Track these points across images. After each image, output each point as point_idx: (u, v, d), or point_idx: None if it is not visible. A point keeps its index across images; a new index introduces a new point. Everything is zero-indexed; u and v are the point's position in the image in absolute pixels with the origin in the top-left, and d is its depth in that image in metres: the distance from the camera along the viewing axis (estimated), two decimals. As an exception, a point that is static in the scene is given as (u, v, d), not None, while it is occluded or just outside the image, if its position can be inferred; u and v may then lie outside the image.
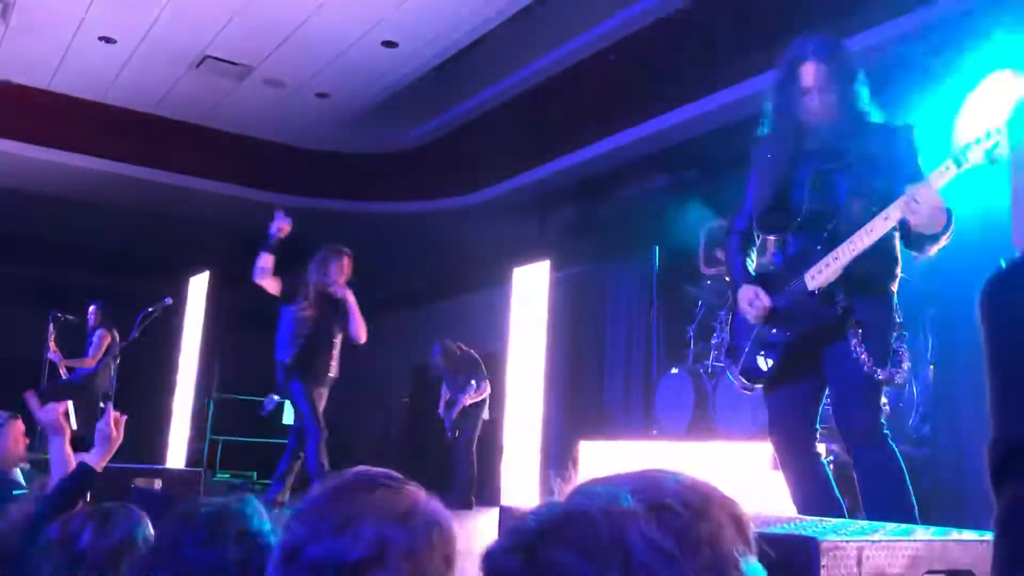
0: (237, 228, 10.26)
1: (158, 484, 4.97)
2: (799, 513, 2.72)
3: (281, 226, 5.14)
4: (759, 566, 0.69)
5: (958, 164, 2.50)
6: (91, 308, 7.19)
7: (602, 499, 0.68)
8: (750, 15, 6.01)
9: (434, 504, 0.99)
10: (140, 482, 4.83)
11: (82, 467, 2.41)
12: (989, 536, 1.97)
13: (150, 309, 6.35)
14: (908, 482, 2.60)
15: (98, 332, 6.86)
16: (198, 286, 10.19)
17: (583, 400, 8.31)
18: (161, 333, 7.09)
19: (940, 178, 2.53)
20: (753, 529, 0.71)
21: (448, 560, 0.96)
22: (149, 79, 7.90)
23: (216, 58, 7.45)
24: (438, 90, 7.90)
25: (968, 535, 1.81)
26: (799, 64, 2.82)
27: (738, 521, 0.70)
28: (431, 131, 8.72)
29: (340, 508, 0.92)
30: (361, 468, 1.02)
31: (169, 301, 6.54)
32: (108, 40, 7.20)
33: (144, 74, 7.80)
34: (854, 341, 2.57)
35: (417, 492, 0.99)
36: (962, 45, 5.11)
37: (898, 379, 2.71)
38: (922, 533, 1.86)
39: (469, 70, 7.49)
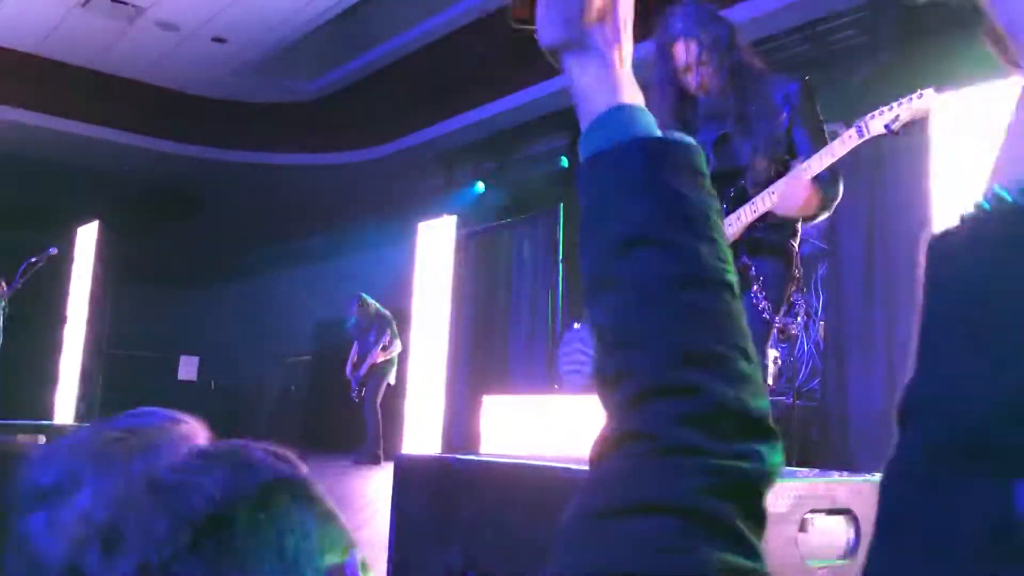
0: (128, 177, 9.86)
1: (42, 440, 4.77)
2: None
3: None
4: None
5: (860, 135, 2.58)
6: None
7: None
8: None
9: None
10: (23, 438, 4.63)
11: None
12: (867, 478, 2.05)
13: (33, 259, 6.04)
14: None
15: None
16: (87, 236, 9.77)
17: (488, 356, 8.34)
18: (48, 285, 6.77)
19: (842, 146, 2.61)
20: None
21: None
22: (31, 16, 7.45)
23: (105, -4, 7.07)
24: (341, 40, 7.70)
25: (848, 477, 1.87)
26: (670, 45, 2.86)
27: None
28: (333, 82, 8.51)
29: None
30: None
31: (54, 251, 6.22)
32: (-15, -28, 6.76)
33: (25, 10, 7.34)
34: (755, 288, 2.69)
35: None
36: None
37: (792, 329, 2.78)
38: (806, 474, 1.93)
39: (374, 19, 7.31)
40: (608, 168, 0.66)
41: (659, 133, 0.66)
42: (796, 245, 2.87)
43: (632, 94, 0.69)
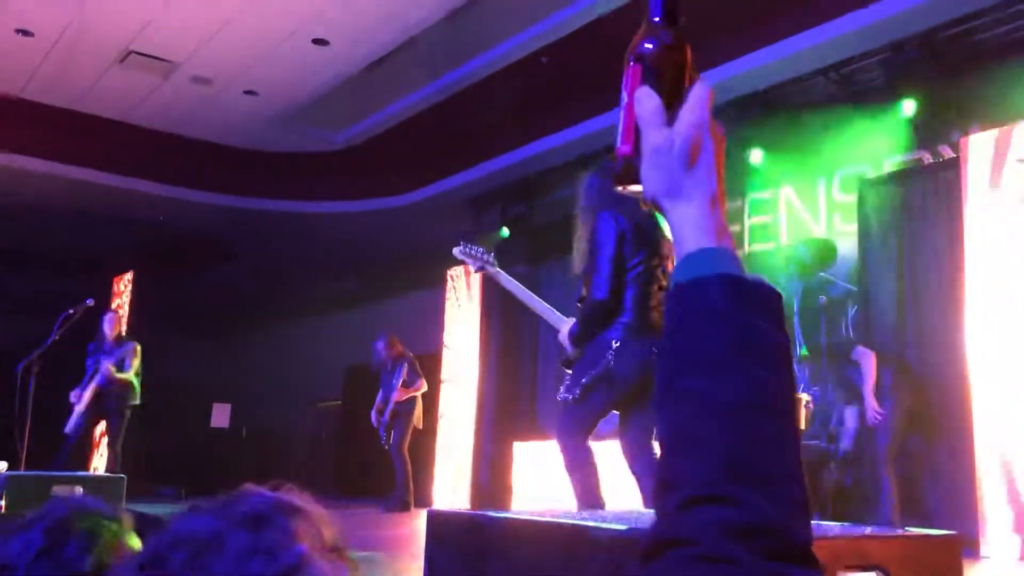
0: (162, 227, 10.05)
1: (78, 491, 4.82)
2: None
3: None
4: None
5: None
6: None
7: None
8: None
9: None
10: (59, 489, 4.68)
11: None
12: (899, 533, 2.02)
13: (70, 311, 6.16)
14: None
15: None
16: (123, 286, 9.93)
17: (517, 400, 8.33)
18: (83, 335, 6.89)
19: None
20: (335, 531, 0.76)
21: None
22: (71, 74, 7.67)
23: (141, 53, 7.27)
24: (369, 90, 7.83)
25: (879, 532, 1.85)
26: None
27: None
28: (362, 131, 8.64)
29: None
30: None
31: (90, 302, 6.34)
32: (25, 33, 6.96)
33: (65, 69, 7.56)
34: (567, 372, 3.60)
35: None
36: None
37: (570, 399, 3.51)
38: (837, 530, 1.91)
39: (400, 70, 7.44)
40: (691, 297, 0.73)
41: (742, 273, 0.74)
42: (612, 334, 3.48)
43: (721, 236, 0.77)
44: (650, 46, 0.83)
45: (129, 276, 9.81)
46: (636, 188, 0.82)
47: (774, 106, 6.56)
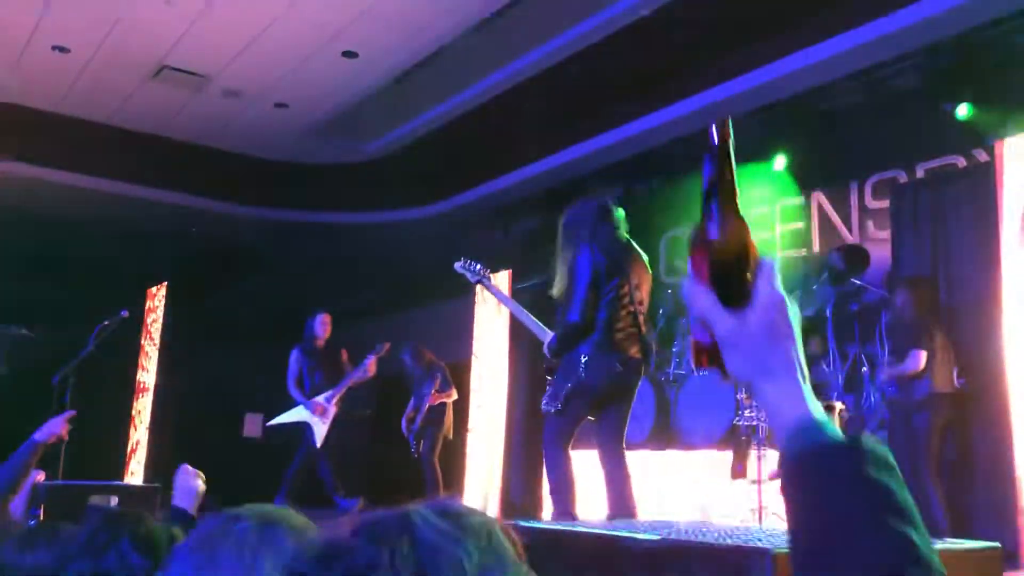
0: (195, 238, 10.16)
1: (114, 501, 4.88)
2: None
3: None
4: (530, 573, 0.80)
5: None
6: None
7: (394, 508, 0.80)
8: (710, 26, 6.07)
9: None
10: (96, 499, 4.73)
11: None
12: (943, 545, 1.98)
13: (106, 322, 6.23)
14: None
15: None
16: (157, 298, 10.05)
17: (547, 410, 8.29)
18: (119, 347, 6.97)
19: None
20: (519, 543, 0.82)
21: None
22: (105, 89, 7.79)
23: (174, 68, 7.36)
24: (398, 101, 7.88)
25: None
26: None
27: (507, 530, 0.82)
28: (392, 141, 8.69)
29: None
30: None
31: (126, 314, 6.41)
32: (62, 49, 7.08)
33: (100, 84, 7.68)
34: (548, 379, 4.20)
35: None
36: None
37: (552, 411, 4.09)
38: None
39: (429, 81, 7.47)
40: (822, 466, 0.77)
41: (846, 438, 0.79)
42: (584, 351, 4.08)
43: (816, 406, 0.81)
44: (708, 236, 0.86)
45: (163, 288, 9.92)
46: (713, 369, 0.86)
47: (805, 110, 6.51)
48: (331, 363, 7.37)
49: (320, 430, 6.93)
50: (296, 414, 7.16)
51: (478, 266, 4.81)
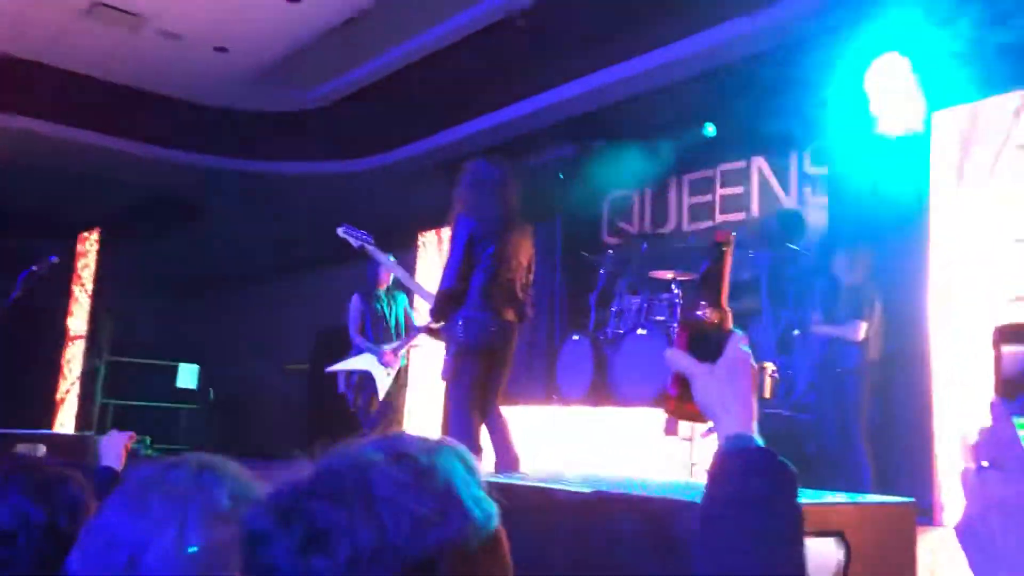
0: (129, 184, 9.89)
1: (42, 450, 4.79)
2: None
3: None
4: (493, 504, 0.84)
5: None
6: None
7: (349, 455, 0.81)
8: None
9: None
10: (23, 447, 4.64)
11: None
12: (859, 499, 2.06)
13: (34, 268, 6.05)
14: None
15: None
16: (88, 244, 9.80)
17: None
18: (48, 293, 6.78)
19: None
20: (482, 474, 0.87)
21: None
22: (33, 24, 7.47)
23: (108, 5, 7.09)
24: (343, 49, 7.72)
25: (839, 499, 1.89)
26: None
27: (469, 466, 0.86)
28: (335, 90, 8.53)
29: None
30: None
31: (55, 259, 6.23)
32: (-12, -19, 6.78)
33: (28, 19, 7.37)
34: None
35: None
36: (858, 22, 5.28)
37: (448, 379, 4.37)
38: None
39: (375, 29, 7.33)
40: (748, 460, 1.02)
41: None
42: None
43: (759, 437, 1.04)
44: (695, 318, 1.11)
45: (95, 235, 9.67)
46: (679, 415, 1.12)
47: (743, 79, 6.56)
48: (393, 312, 6.97)
49: (384, 383, 6.53)
50: (362, 362, 6.71)
51: (363, 233, 5.19)
